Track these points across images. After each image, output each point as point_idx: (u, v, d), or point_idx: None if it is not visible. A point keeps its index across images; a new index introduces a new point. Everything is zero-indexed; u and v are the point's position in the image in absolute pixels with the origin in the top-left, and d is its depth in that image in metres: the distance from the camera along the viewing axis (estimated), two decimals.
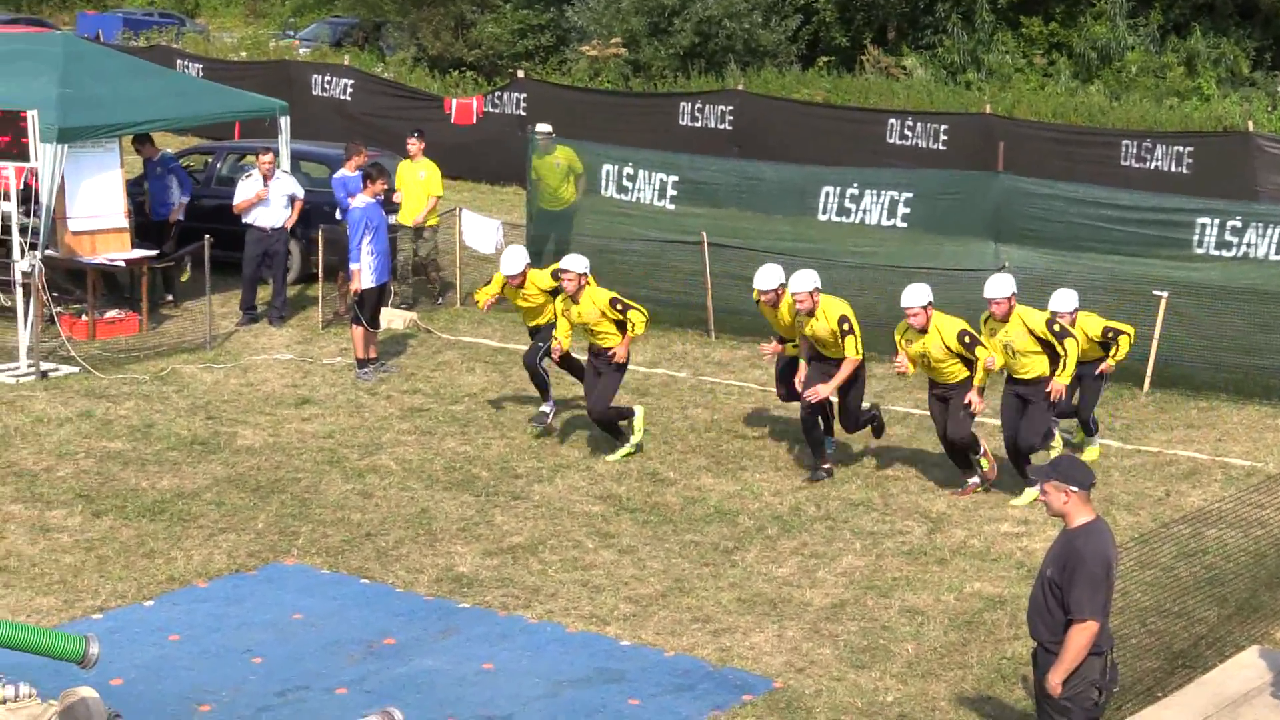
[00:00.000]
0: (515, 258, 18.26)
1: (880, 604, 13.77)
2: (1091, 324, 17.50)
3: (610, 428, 17.75)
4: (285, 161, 23.59)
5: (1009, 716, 11.78)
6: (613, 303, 17.45)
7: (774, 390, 18.54)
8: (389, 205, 22.32)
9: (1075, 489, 9.47)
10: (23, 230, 20.32)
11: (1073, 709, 9.54)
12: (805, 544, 15.17)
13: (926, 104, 39.74)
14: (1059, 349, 16.05)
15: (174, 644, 12.92)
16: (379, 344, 20.85)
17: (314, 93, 38.64)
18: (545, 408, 18.38)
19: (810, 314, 16.60)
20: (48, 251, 21.11)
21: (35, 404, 19.03)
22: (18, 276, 20.36)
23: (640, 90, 43.26)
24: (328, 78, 39.13)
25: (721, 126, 34.66)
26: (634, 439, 17.58)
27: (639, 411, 17.78)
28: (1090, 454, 17.84)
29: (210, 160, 26.90)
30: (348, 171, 22.41)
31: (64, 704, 11.19)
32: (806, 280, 16.62)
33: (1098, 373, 17.85)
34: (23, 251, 20.32)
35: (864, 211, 22.68)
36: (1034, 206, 22.19)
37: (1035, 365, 16.26)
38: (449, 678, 12.39)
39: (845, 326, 16.46)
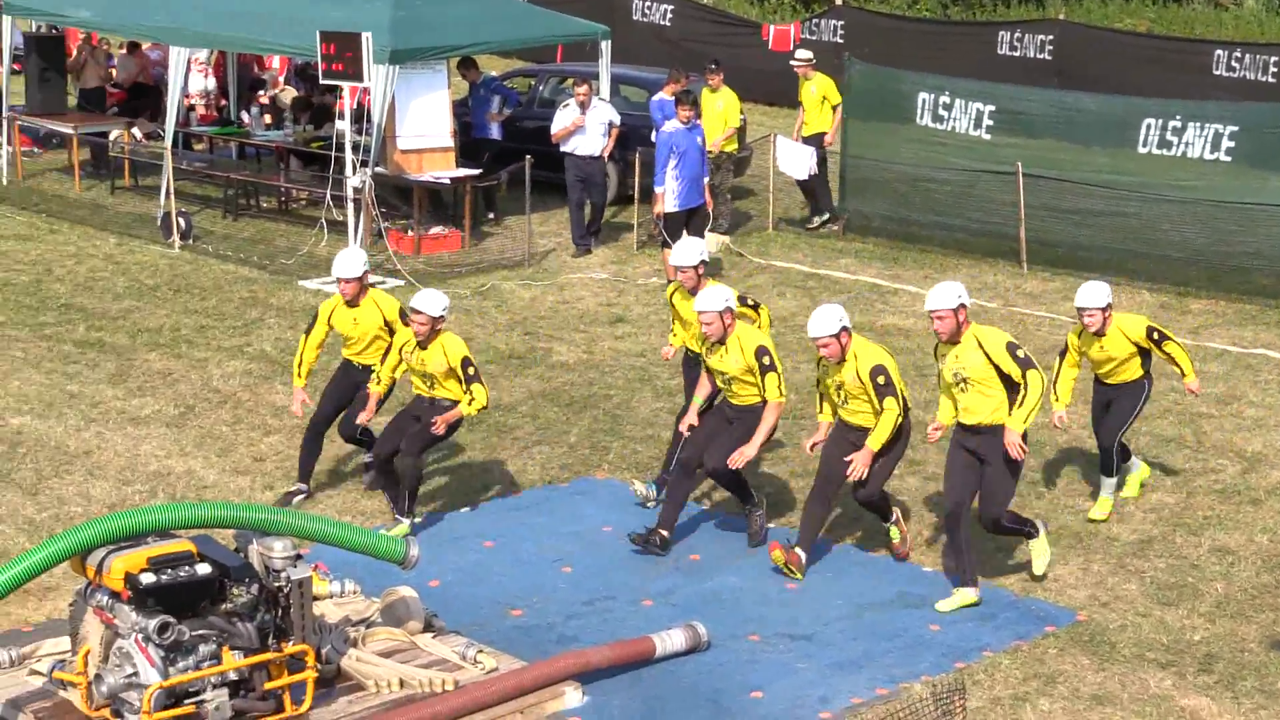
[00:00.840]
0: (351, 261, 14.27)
1: (1189, 542, 13.41)
2: (1132, 325, 13.94)
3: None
4: (605, 87, 23.75)
5: None
6: (464, 363, 13.68)
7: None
8: None
9: None
10: (355, 148, 20.92)
11: None
12: None
13: (1257, 34, 38.21)
14: (1019, 382, 12.19)
15: (488, 550, 13.25)
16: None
17: (634, 18, 38.50)
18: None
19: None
20: (377, 169, 21.63)
21: None
22: (349, 192, 20.99)
23: (959, 18, 42.49)
24: (648, 3, 39.02)
25: (1040, 56, 33.80)
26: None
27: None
28: (1134, 485, 14.51)
29: (533, 83, 27.21)
30: (665, 96, 22.51)
31: (385, 601, 11.61)
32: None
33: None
34: (354, 168, 20.92)
35: (1186, 145, 21.87)
36: None
37: (985, 406, 12.30)
38: (753, 595, 12.48)
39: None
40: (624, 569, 12.97)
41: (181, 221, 22.88)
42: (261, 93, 27.99)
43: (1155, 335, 13.74)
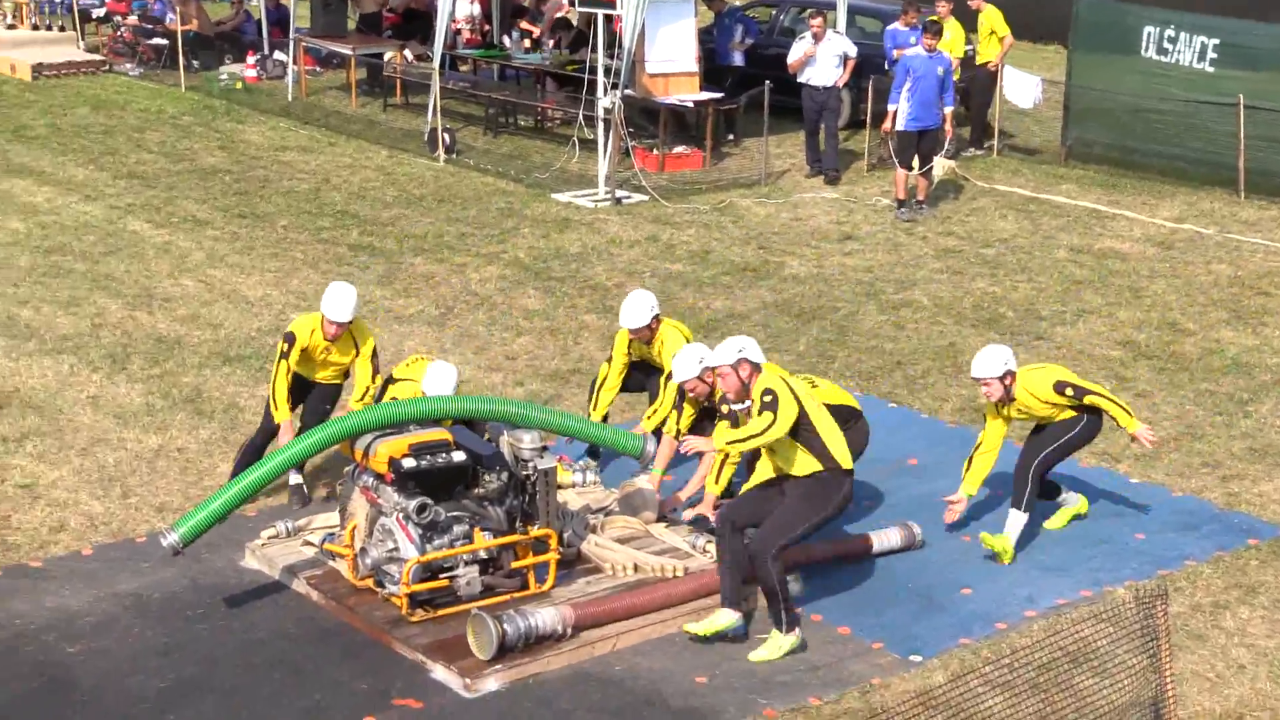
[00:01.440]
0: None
1: None
2: (1039, 384, 11.59)
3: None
4: (842, 20, 23.50)
5: None
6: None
7: None
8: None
9: None
10: (606, 71, 20.98)
11: None
12: None
13: None
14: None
15: None
16: (927, 189, 20.76)
17: None
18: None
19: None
20: (627, 91, 21.66)
21: (610, 226, 19.69)
22: (600, 112, 21.05)
23: None
24: None
25: None
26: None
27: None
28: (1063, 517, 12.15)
29: (774, 13, 27.02)
30: (899, 26, 22.26)
31: (623, 492, 11.73)
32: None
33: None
34: (606, 90, 20.99)
35: None
36: None
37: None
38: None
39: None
40: None
41: (446, 137, 23.18)
42: (525, 19, 28.14)
43: (1069, 391, 11.45)
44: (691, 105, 23.01)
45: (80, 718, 9.34)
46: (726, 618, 10.30)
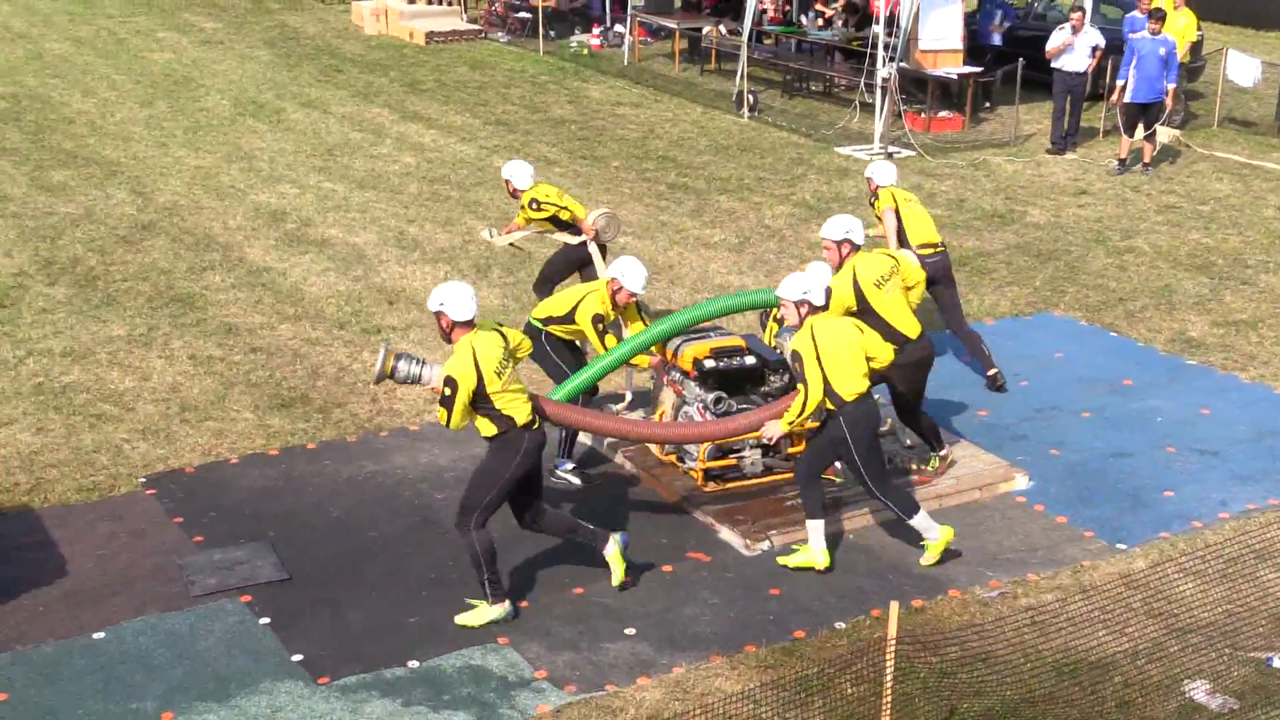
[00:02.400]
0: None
1: None
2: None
3: None
4: (1089, 6, 22.82)
5: None
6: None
7: None
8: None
9: None
10: (885, 46, 20.83)
11: None
12: None
13: None
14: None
15: (963, 364, 13.32)
16: (1151, 153, 20.20)
17: None
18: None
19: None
20: (901, 64, 21.48)
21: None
22: (879, 81, 20.95)
23: None
24: None
25: None
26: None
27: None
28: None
29: (1030, 1, 26.40)
30: (1136, 14, 21.58)
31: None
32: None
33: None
34: (884, 62, 20.85)
35: None
36: None
37: None
38: (1171, 417, 12.22)
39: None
40: (1070, 388, 12.87)
41: (751, 98, 23.24)
42: (820, 1, 27.94)
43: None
44: (955, 77, 22.69)
45: (442, 549, 9.87)
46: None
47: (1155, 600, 9.25)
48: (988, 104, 23.95)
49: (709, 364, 10.55)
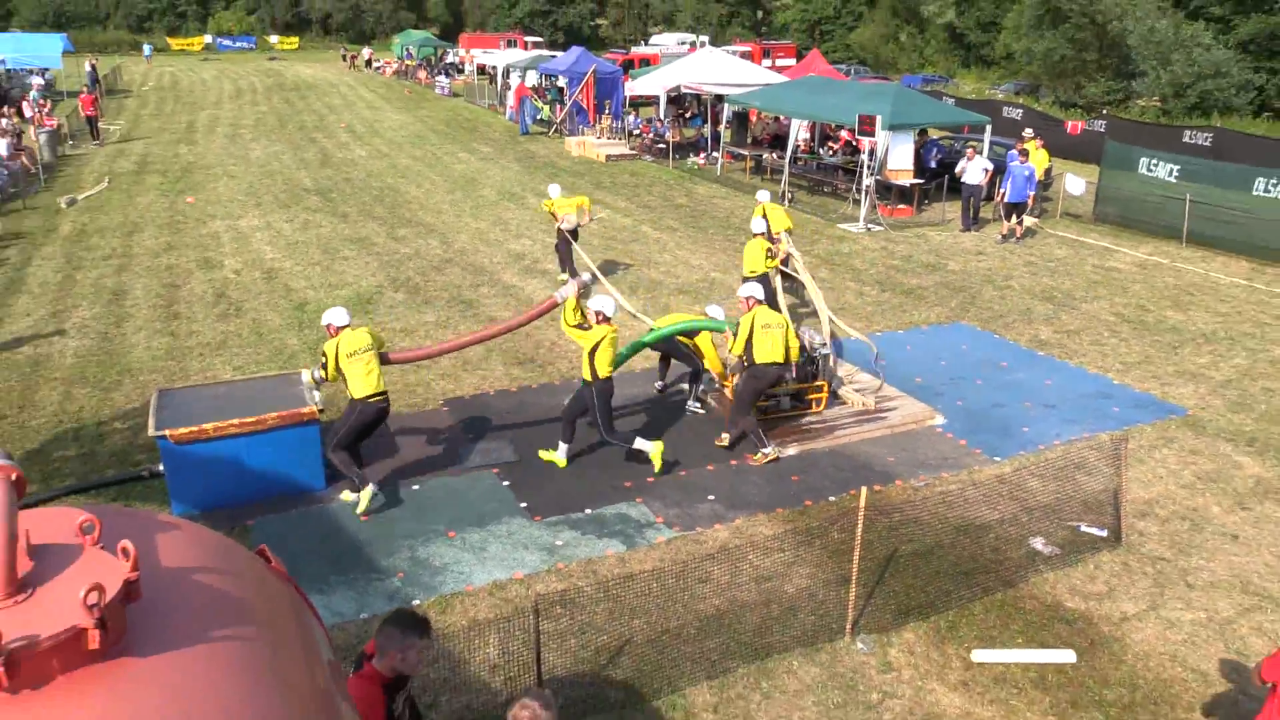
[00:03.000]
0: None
1: None
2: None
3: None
4: (986, 147, 22.02)
5: None
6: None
7: None
8: None
9: None
10: (868, 167, 20.38)
11: None
12: None
13: None
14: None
15: None
16: (1020, 230, 19.50)
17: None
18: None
19: None
20: (877, 177, 21.05)
21: (863, 241, 19.09)
22: (863, 186, 20.53)
23: None
24: None
25: None
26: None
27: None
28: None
29: (953, 142, 25.64)
30: (1014, 151, 20.78)
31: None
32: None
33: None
34: (868, 175, 20.42)
35: None
36: None
37: None
38: (1028, 385, 11.78)
39: None
40: (969, 367, 12.35)
41: (789, 194, 22.82)
42: (830, 140, 27.49)
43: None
44: (909, 185, 22.15)
45: (604, 449, 9.77)
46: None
47: (1015, 490, 9.06)
48: (926, 201, 23.42)
49: None
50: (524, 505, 8.75)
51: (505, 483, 9.17)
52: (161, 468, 8.05)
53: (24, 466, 9.14)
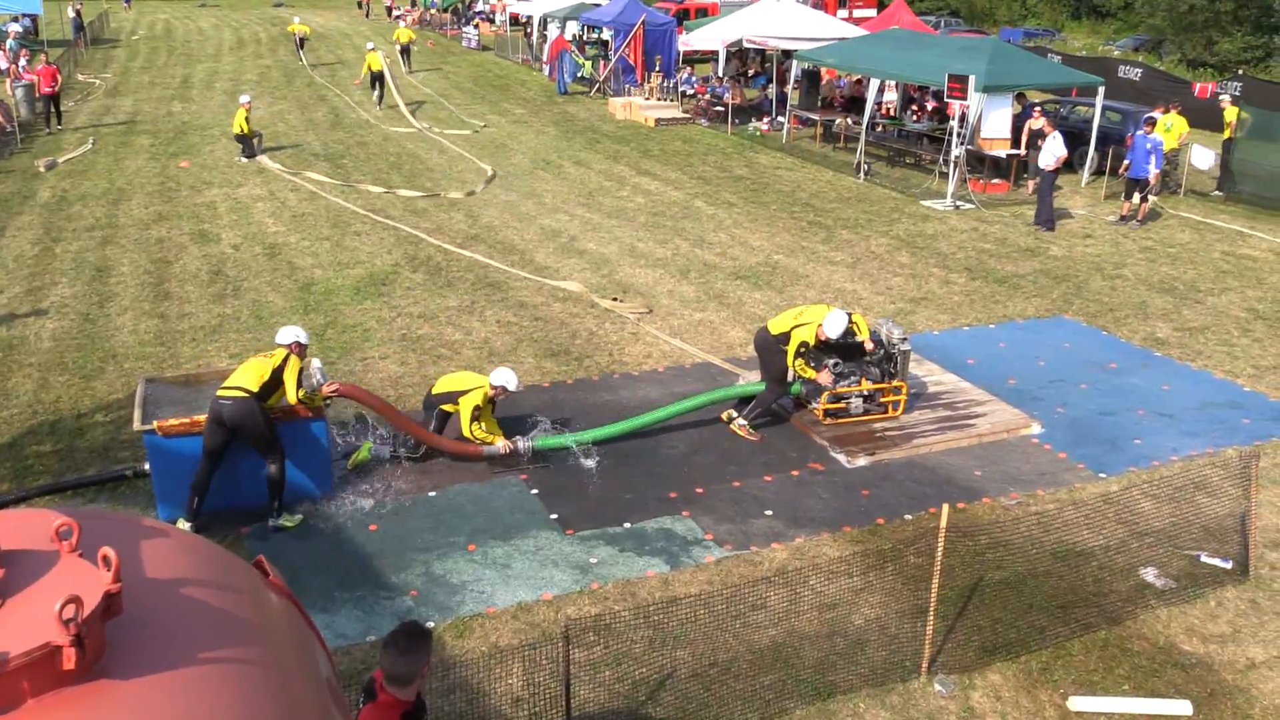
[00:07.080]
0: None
1: None
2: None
3: None
4: (1099, 114, 21.75)
5: None
6: None
7: None
8: None
9: None
10: (957, 134, 20.23)
11: None
12: None
13: None
14: None
15: None
16: (1140, 211, 19.24)
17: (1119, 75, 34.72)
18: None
19: None
20: (968, 146, 20.87)
21: (950, 221, 18.99)
22: (952, 157, 20.39)
23: None
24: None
25: None
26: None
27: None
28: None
29: (1058, 109, 25.31)
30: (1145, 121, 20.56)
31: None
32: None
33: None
34: (957, 145, 20.26)
35: None
36: None
37: None
38: (1142, 390, 11.66)
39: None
40: (1072, 368, 12.27)
41: (866, 166, 22.79)
42: (915, 104, 27.26)
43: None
44: (1004, 156, 21.93)
45: (646, 455, 9.85)
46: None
47: (1123, 512, 8.94)
48: (1025, 175, 23.16)
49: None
50: (554, 517, 8.83)
51: (534, 491, 9.23)
52: (147, 466, 8.18)
53: None
